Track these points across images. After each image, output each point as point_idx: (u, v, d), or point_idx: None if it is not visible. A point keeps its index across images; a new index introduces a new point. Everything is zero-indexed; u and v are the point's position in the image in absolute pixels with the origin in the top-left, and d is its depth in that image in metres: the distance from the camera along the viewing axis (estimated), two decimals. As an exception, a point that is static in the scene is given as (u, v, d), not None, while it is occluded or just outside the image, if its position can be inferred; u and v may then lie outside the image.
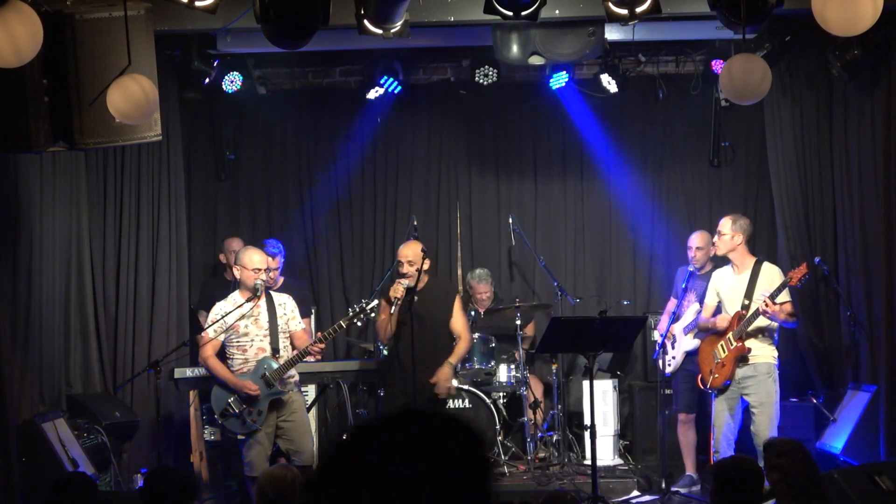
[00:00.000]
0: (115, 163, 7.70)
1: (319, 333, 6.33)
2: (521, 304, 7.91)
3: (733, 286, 6.62)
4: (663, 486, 6.95)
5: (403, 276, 6.52)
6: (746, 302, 6.49)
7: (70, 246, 7.36)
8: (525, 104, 8.75)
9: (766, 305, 6.23)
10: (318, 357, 6.54)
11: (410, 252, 6.59)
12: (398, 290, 6.41)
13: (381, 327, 6.66)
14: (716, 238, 6.74)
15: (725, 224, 6.65)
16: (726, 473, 3.90)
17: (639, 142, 8.74)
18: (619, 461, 7.96)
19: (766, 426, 6.41)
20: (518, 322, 7.79)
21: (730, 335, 6.50)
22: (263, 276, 6.27)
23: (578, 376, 8.21)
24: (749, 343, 6.45)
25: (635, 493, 7.12)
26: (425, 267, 6.54)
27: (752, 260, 6.65)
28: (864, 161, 7.24)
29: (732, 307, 6.58)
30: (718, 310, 6.78)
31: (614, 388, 8.05)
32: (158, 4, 5.63)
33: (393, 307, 6.42)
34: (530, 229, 8.70)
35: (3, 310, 6.39)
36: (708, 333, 6.76)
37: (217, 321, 6.18)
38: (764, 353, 6.50)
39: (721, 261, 6.90)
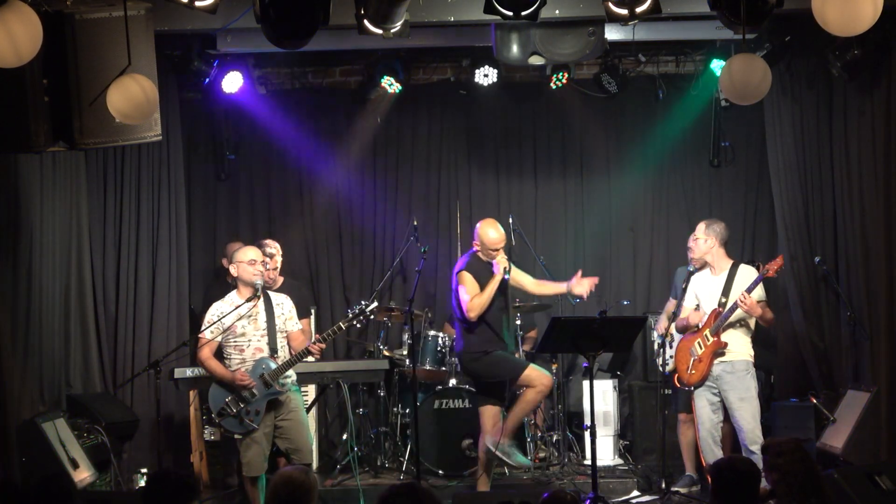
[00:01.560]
0: (115, 163, 7.70)
1: (318, 335, 6.33)
2: (520, 304, 7.91)
3: (710, 286, 6.76)
4: (663, 486, 6.95)
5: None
6: (723, 300, 6.63)
7: (70, 246, 7.36)
8: (525, 104, 8.75)
9: (743, 298, 6.43)
10: (318, 357, 6.55)
11: (503, 235, 6.68)
12: (506, 261, 6.56)
13: (480, 305, 6.52)
14: (692, 242, 6.91)
15: (700, 228, 6.87)
16: (723, 474, 3.91)
17: (639, 142, 8.73)
18: (619, 461, 7.97)
19: (749, 419, 6.52)
20: (518, 322, 7.80)
21: (706, 332, 6.62)
22: (260, 268, 6.26)
23: (578, 376, 8.21)
24: (726, 337, 6.58)
25: (635, 493, 7.12)
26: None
27: (728, 262, 6.80)
28: (864, 161, 7.24)
29: (710, 306, 6.68)
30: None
31: (614, 388, 8.05)
32: (158, 4, 5.63)
33: (507, 275, 6.55)
34: (530, 229, 8.70)
35: (3, 310, 6.39)
36: (685, 333, 6.86)
37: (214, 322, 6.18)
38: (741, 352, 6.63)
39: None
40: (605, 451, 7.84)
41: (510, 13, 5.36)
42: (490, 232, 6.65)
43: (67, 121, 5.48)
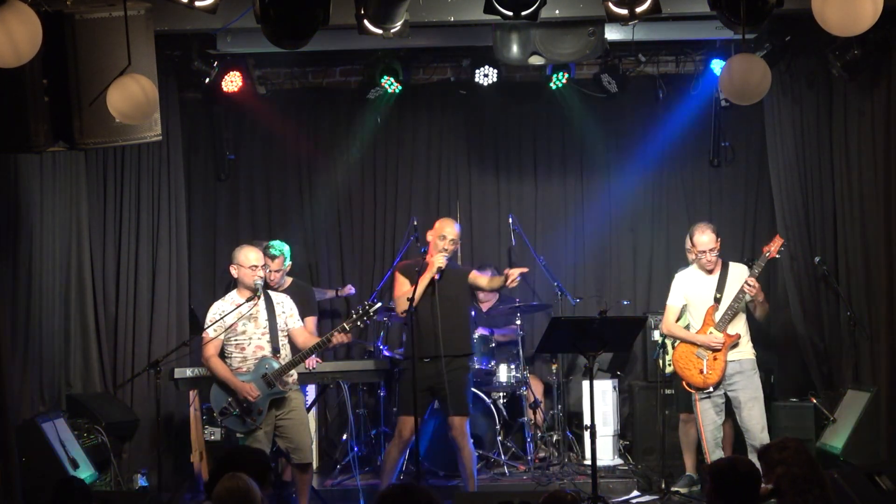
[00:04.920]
0: (115, 163, 7.71)
1: (333, 332, 6.25)
2: (521, 303, 7.91)
3: (703, 285, 6.71)
4: (663, 486, 6.95)
5: (443, 250, 6.47)
6: (718, 295, 6.61)
7: (70, 246, 7.36)
8: (525, 104, 8.75)
9: (752, 283, 6.42)
10: (345, 339, 6.42)
11: (454, 231, 6.55)
12: (441, 260, 6.41)
13: (401, 299, 6.52)
14: (710, 255, 6.66)
15: (711, 238, 6.66)
16: (724, 474, 3.90)
17: (639, 142, 8.73)
18: (619, 461, 7.96)
19: (757, 420, 6.52)
20: (518, 322, 7.79)
21: (711, 329, 6.57)
22: (261, 273, 6.26)
23: (578, 376, 8.21)
24: (734, 331, 6.56)
25: (635, 493, 7.12)
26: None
27: (718, 262, 6.75)
28: (864, 161, 7.25)
29: (703, 305, 6.64)
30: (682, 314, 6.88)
31: (614, 388, 8.05)
32: (158, 4, 5.63)
33: (437, 276, 6.40)
34: (530, 229, 8.69)
35: (3, 310, 6.38)
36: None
37: (216, 321, 6.18)
38: (746, 350, 6.63)
39: (726, 257, 6.91)
40: (605, 451, 7.83)
41: (510, 13, 5.37)
42: (445, 224, 6.59)
43: (67, 121, 5.49)
